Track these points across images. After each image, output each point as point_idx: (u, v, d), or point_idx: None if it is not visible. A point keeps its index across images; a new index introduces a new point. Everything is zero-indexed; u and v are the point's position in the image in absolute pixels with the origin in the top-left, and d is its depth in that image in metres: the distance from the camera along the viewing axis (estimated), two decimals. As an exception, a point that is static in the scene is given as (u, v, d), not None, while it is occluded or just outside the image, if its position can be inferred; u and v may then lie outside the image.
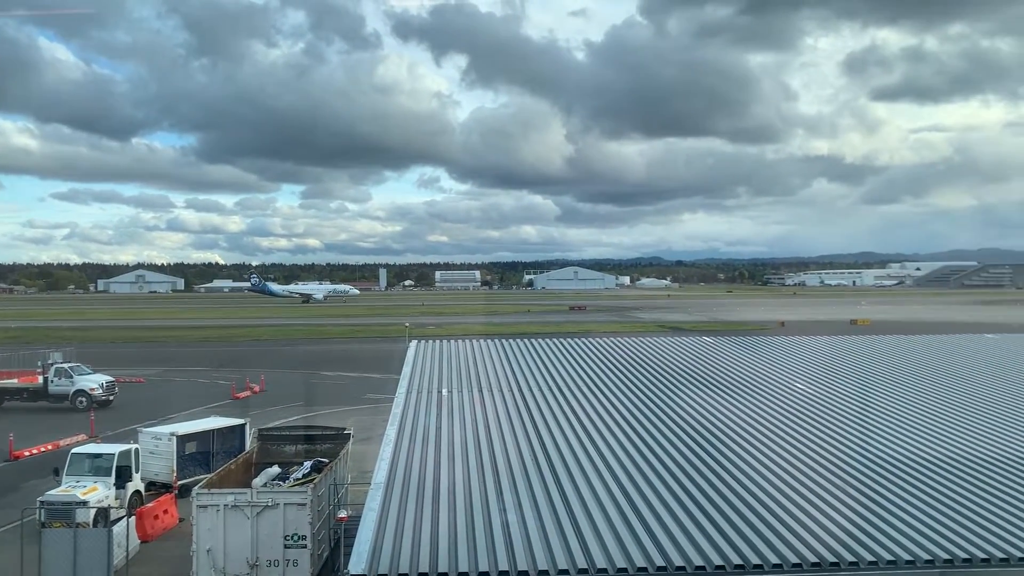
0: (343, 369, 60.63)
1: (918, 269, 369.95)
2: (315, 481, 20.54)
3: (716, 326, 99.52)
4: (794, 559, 9.91)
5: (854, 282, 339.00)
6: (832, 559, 9.92)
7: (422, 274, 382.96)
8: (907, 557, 10.03)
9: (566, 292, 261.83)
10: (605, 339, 24.45)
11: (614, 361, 21.40)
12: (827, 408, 16.99)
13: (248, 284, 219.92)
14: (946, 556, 10.08)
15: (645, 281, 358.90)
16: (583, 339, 24.28)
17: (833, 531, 10.69)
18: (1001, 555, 10.14)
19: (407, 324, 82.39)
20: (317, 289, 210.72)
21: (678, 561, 9.88)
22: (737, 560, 9.91)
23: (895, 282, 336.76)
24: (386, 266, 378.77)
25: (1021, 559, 10.11)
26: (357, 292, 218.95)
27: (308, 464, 23.23)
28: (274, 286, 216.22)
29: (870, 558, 9.99)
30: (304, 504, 19.06)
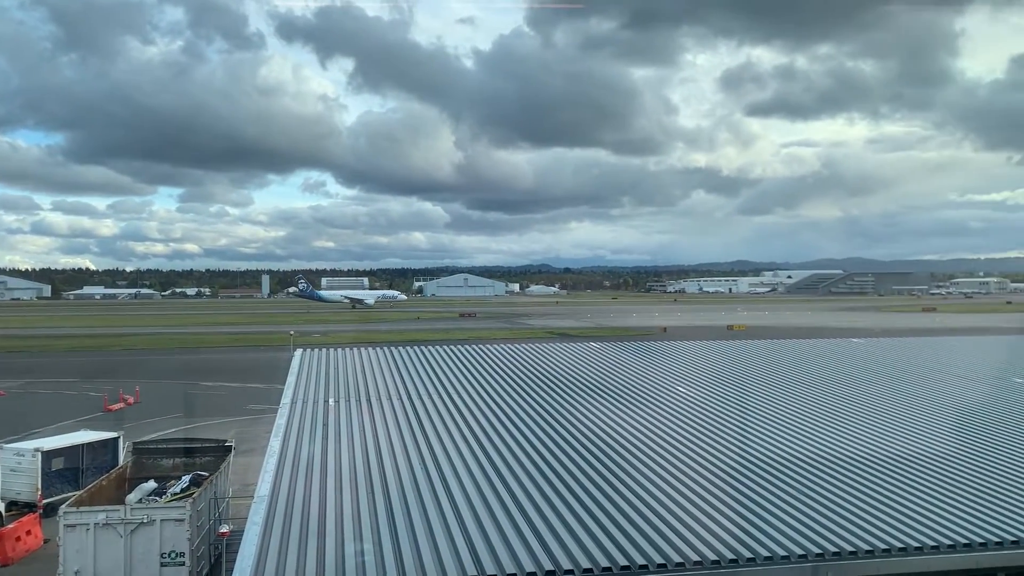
0: (223, 379, 58.54)
1: (789, 277, 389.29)
2: (194, 496, 19.73)
3: (603, 332, 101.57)
4: (677, 559, 10.19)
5: (730, 289, 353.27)
6: (714, 557, 10.25)
7: (308, 281, 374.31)
8: (782, 553, 10.47)
9: (456, 299, 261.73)
10: (495, 346, 24.55)
11: (503, 368, 21.50)
12: (708, 411, 17.59)
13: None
14: (818, 551, 10.57)
15: (534, 288, 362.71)
16: (473, 346, 24.30)
17: (714, 530, 11.04)
18: (867, 547, 10.72)
19: (292, 332, 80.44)
20: (368, 294, 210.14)
21: (566, 564, 9.98)
22: (623, 561, 10.09)
23: (768, 289, 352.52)
24: (269, 272, 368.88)
25: (886, 550, 10.72)
26: (404, 297, 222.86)
27: (187, 478, 22.31)
28: (324, 292, 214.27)
29: (748, 555, 10.37)
30: (182, 520, 18.28)
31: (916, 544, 10.87)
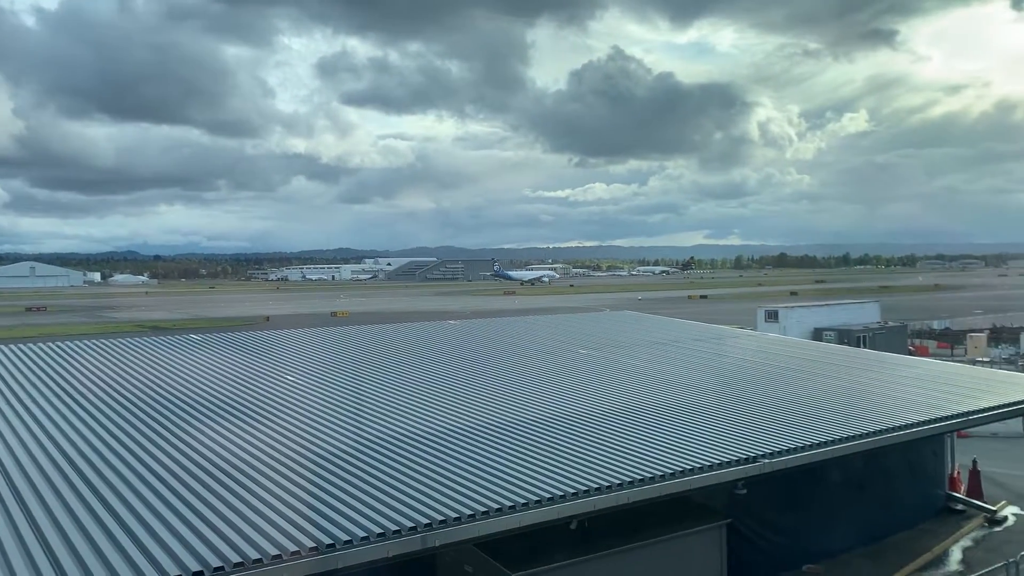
0: None
1: (389, 264, 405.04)
2: None
3: (201, 323, 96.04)
4: (274, 551, 9.86)
5: (333, 276, 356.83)
6: (328, 541, 10.24)
7: None
8: (394, 528, 10.85)
9: (23, 291, 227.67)
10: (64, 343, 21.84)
11: (73, 370, 19.25)
12: (319, 398, 17.55)
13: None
14: (426, 521, 11.15)
15: (119, 277, 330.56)
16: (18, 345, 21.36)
17: (330, 516, 11.04)
18: (469, 512, 11.57)
19: None
20: (545, 274, 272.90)
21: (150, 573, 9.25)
22: (216, 563, 9.58)
23: (370, 276, 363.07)
24: None
25: (485, 512, 11.67)
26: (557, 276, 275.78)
27: None
28: (514, 272, 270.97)
29: (362, 534, 10.56)
30: None
31: (510, 504, 12.00)
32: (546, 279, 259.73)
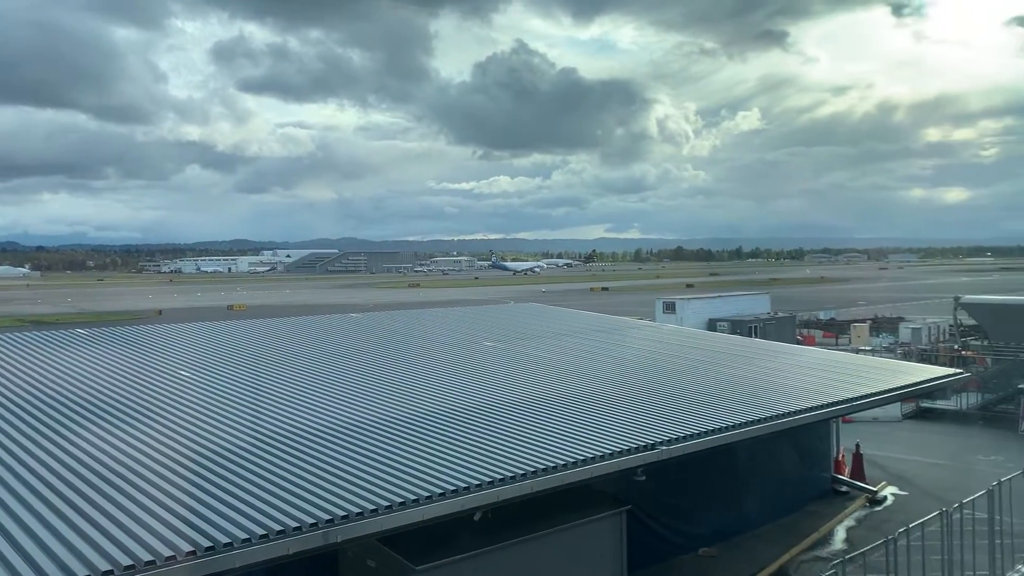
0: None
1: (288, 256, 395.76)
2: None
3: (88, 318, 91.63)
4: (167, 552, 9.56)
5: (230, 269, 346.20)
6: (208, 544, 9.90)
7: None
8: (294, 524, 10.62)
9: None
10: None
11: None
12: (216, 393, 17.00)
13: None
14: (328, 517, 10.96)
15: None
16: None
17: (219, 516, 10.69)
18: (371, 507, 11.44)
19: None
20: (536, 265, 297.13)
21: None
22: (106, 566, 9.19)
23: (268, 268, 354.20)
24: None
25: (388, 507, 11.57)
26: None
27: None
28: (509, 263, 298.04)
29: (261, 532, 10.30)
30: None
31: (413, 497, 11.93)
32: (537, 270, 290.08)
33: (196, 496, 11.31)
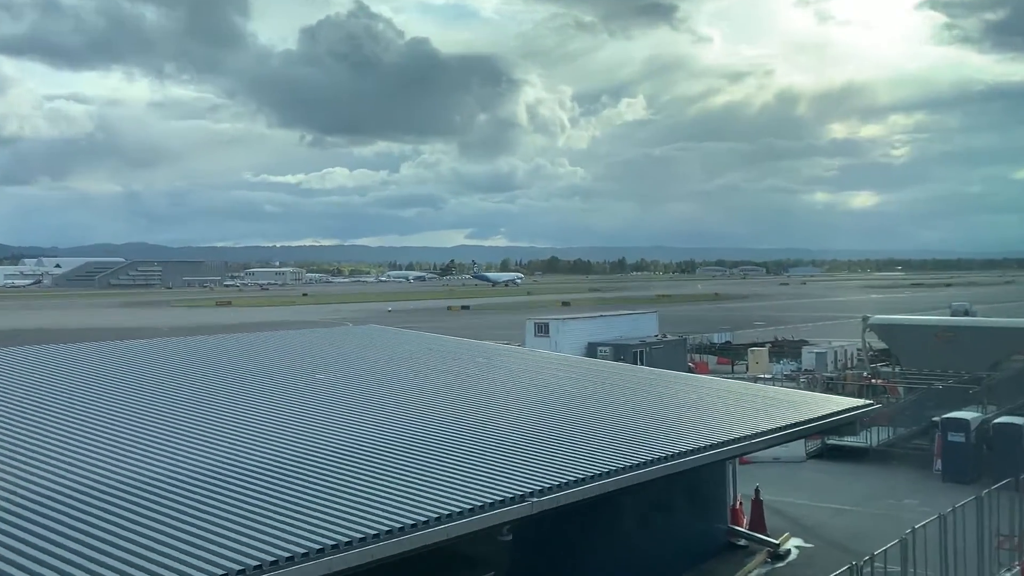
0: None
1: (58, 266, 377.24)
2: None
3: None
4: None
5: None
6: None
7: None
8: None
9: None
10: None
11: None
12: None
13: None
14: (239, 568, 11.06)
15: None
16: None
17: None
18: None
19: None
20: (518, 276, 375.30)
21: None
22: None
23: (32, 281, 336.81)
24: None
25: (304, 554, 11.86)
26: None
27: None
28: (491, 274, 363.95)
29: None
30: None
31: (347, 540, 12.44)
32: (518, 281, 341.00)
33: None
